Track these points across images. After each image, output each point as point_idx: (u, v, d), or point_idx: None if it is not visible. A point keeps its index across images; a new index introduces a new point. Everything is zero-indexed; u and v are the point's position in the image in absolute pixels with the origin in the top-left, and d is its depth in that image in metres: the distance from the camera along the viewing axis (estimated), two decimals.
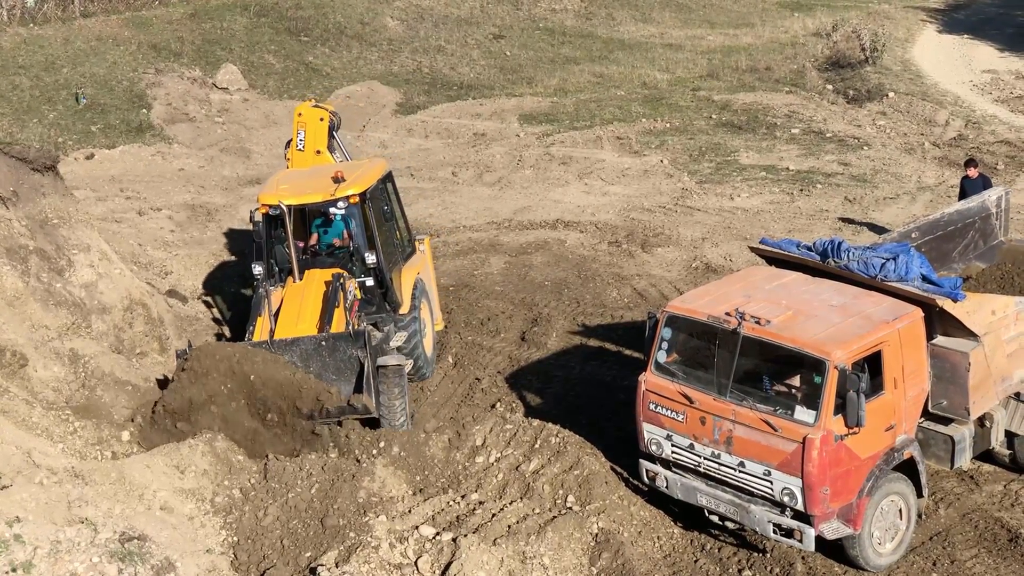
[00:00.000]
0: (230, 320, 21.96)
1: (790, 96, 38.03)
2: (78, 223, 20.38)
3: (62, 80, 35.42)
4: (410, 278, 19.91)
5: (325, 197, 18.94)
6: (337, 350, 17.40)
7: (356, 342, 17.41)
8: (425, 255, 21.25)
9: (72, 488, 14.85)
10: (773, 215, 27.13)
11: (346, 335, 17.50)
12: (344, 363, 17.42)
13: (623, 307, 22.25)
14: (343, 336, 17.49)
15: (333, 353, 17.40)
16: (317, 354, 17.36)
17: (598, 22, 48.78)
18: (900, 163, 30.87)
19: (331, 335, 17.50)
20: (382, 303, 19.26)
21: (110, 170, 30.69)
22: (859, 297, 14.92)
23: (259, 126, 35.06)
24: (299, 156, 21.89)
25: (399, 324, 19.24)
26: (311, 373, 17.20)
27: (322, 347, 17.37)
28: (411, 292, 19.71)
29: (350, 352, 17.41)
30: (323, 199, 18.98)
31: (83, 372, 17.79)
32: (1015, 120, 34.70)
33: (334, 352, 17.40)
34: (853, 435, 13.85)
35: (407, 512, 15.68)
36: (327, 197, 18.90)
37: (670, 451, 15.06)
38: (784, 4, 52.79)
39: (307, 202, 19.25)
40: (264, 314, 18.25)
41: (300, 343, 17.38)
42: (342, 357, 17.41)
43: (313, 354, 17.35)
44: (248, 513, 15.63)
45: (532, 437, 16.95)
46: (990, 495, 16.11)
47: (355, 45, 42.59)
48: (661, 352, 15.13)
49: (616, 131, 34.37)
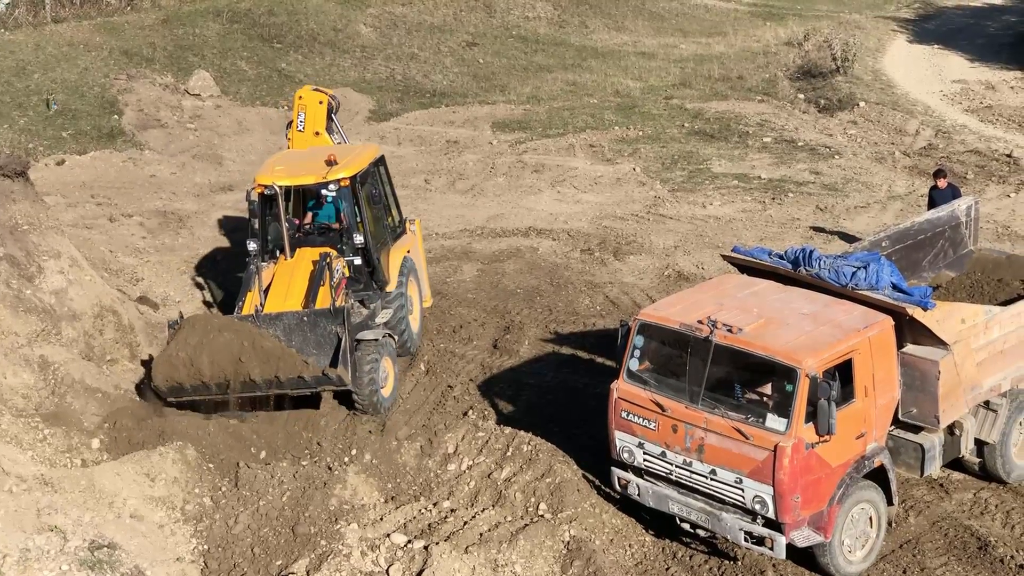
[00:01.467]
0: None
1: (762, 105, 38.18)
2: (48, 229, 20.29)
3: (33, 86, 35.24)
4: (398, 257, 20.64)
5: (317, 179, 19.69)
6: (318, 326, 18.09)
7: (336, 318, 18.08)
8: (416, 236, 21.99)
9: (41, 496, 14.78)
10: (745, 223, 27.21)
11: (327, 311, 18.23)
12: (324, 338, 18.07)
13: (595, 315, 22.28)
14: (324, 312, 18.22)
15: (314, 328, 18.09)
16: (299, 329, 18.09)
17: (571, 30, 48.88)
18: (871, 172, 31.02)
19: (313, 311, 18.29)
20: (369, 281, 20.00)
21: (81, 176, 30.54)
22: (830, 305, 14.97)
23: (231, 133, 34.95)
24: (299, 137, 22.73)
25: (386, 301, 20.01)
26: (293, 346, 17.95)
27: (304, 322, 18.13)
28: (398, 271, 20.40)
29: (330, 328, 18.05)
30: (315, 181, 19.76)
31: (53, 379, 17.70)
32: (984, 130, 34.93)
33: (315, 327, 18.09)
34: (824, 443, 13.90)
35: (379, 520, 15.67)
36: (319, 179, 19.66)
37: (642, 459, 15.08)
38: (756, 13, 53.03)
39: (300, 183, 20.02)
40: (255, 289, 19.09)
41: (284, 317, 18.20)
42: (322, 332, 18.07)
43: (295, 328, 18.09)
44: (219, 521, 15.58)
45: (504, 445, 16.96)
46: (960, 503, 16.18)
47: (328, 52, 42.54)
48: (633, 360, 15.15)
49: (589, 139, 34.43)
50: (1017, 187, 29.05)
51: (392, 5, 46.99)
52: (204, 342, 17.68)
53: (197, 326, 18.00)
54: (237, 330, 17.87)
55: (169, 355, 17.79)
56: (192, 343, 17.68)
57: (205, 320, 18.57)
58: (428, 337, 21.59)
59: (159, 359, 17.97)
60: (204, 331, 17.85)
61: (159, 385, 17.84)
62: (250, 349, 17.67)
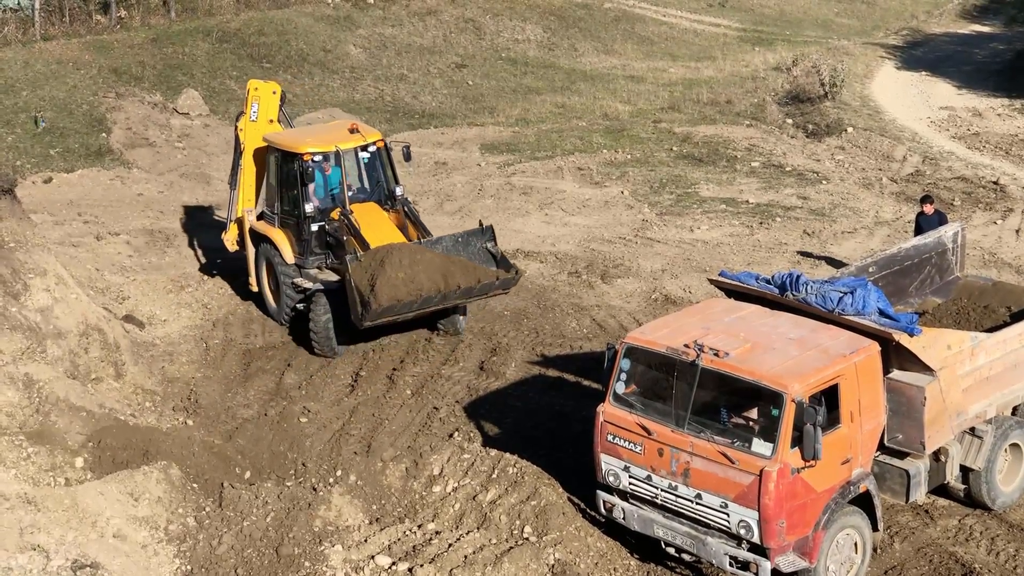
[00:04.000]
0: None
1: (750, 129, 38.30)
2: (35, 247, 20.26)
3: (21, 103, 35.22)
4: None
5: (358, 142, 22.23)
6: (470, 244, 21.13)
7: (484, 235, 21.28)
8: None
9: (24, 514, 14.72)
10: (732, 247, 27.26)
11: (477, 231, 21.43)
12: (475, 254, 21.11)
13: (582, 337, 22.28)
14: (475, 232, 21.42)
15: (467, 246, 21.07)
16: (455, 249, 20.92)
17: (560, 53, 49.02)
18: (858, 198, 31.12)
19: (465, 232, 21.47)
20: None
21: (68, 194, 30.50)
22: (817, 330, 14.99)
23: (220, 152, 34.91)
24: (252, 127, 23.80)
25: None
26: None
27: (459, 242, 21.04)
28: None
29: (479, 244, 21.20)
30: (357, 144, 22.26)
31: (37, 397, 17.64)
32: (971, 157, 35.07)
33: (467, 245, 21.08)
34: (810, 468, 13.89)
35: (363, 541, 15.62)
36: (361, 142, 22.22)
37: (627, 482, 15.06)
38: (745, 38, 53.26)
39: (346, 147, 22.25)
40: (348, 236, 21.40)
41: (442, 240, 21.03)
42: (474, 249, 21.13)
43: (452, 249, 20.89)
44: (202, 542, 15.52)
45: (489, 467, 16.92)
46: (944, 529, 16.18)
47: (317, 72, 42.59)
48: (619, 383, 15.14)
49: (577, 162, 34.48)
50: (1004, 214, 29.16)
51: (382, 26, 47.10)
52: (417, 260, 20.12)
53: (404, 251, 20.30)
54: (432, 252, 20.46)
55: (389, 277, 19.80)
56: (406, 264, 19.95)
57: (406, 247, 20.57)
58: (414, 358, 21.57)
59: (382, 283, 19.74)
60: (411, 254, 20.23)
61: (382, 304, 19.66)
62: (452, 264, 20.39)
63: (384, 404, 19.87)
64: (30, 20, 40.73)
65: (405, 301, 19.94)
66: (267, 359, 21.84)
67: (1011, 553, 15.60)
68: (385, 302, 19.76)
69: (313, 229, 21.98)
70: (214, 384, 20.92)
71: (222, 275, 25.14)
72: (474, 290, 20.66)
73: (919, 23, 57.45)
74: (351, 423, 19.33)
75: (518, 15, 50.57)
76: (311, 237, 22.04)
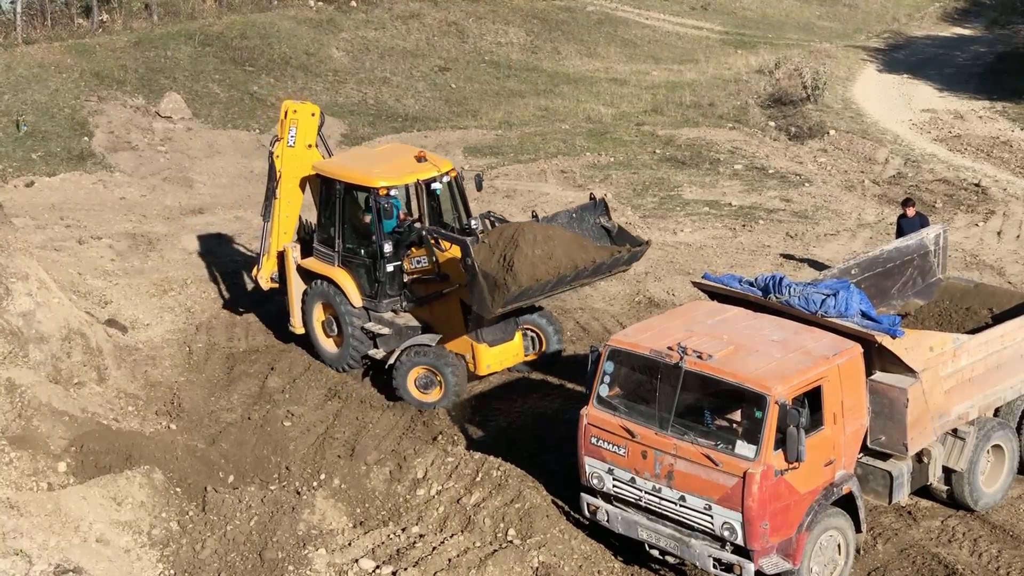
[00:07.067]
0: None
1: (733, 132, 38.35)
2: (16, 251, 20.19)
3: (2, 107, 35.07)
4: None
5: (431, 172, 20.51)
6: (584, 220, 19.97)
7: (597, 209, 20.20)
8: None
9: (7, 519, 14.66)
10: (716, 250, 27.30)
11: (590, 205, 20.30)
12: (588, 230, 19.91)
13: (565, 340, 22.26)
14: (588, 206, 20.28)
15: (581, 223, 19.88)
16: (570, 225, 19.66)
17: (543, 56, 48.99)
18: (840, 200, 31.19)
19: (580, 206, 20.32)
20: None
21: (50, 198, 30.38)
22: (800, 333, 15.02)
23: (202, 155, 34.86)
24: (290, 152, 21.70)
25: None
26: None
27: (574, 218, 19.91)
28: None
29: (593, 219, 20.09)
30: (431, 175, 20.53)
31: (19, 402, 17.58)
32: (953, 159, 35.18)
33: (582, 221, 19.92)
34: (793, 470, 13.93)
35: (347, 545, 15.61)
36: (433, 172, 20.52)
37: (611, 485, 15.07)
38: (727, 41, 53.27)
39: (421, 178, 20.57)
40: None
41: (559, 217, 19.94)
42: (587, 226, 19.94)
43: (567, 226, 19.62)
44: (185, 546, 15.49)
45: (473, 470, 16.92)
46: (927, 531, 16.22)
47: (300, 75, 42.50)
48: (603, 386, 15.15)
49: (560, 164, 34.50)
50: (985, 216, 29.26)
51: (364, 29, 47.02)
52: (549, 236, 18.82)
53: (535, 228, 18.93)
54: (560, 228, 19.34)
55: (526, 255, 18.40)
56: (540, 240, 18.61)
57: (536, 226, 19.14)
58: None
59: (520, 261, 18.35)
60: (542, 230, 18.91)
61: (521, 284, 18.16)
62: (580, 240, 19.33)
63: (368, 407, 19.84)
64: (11, 24, 40.53)
65: (543, 280, 18.40)
66: (250, 363, 21.80)
67: (994, 554, 15.65)
68: (525, 282, 18.22)
69: (389, 270, 20.29)
70: (197, 388, 20.87)
71: (211, 281, 25.01)
72: (604, 266, 19.26)
73: (901, 26, 57.51)
74: (335, 427, 19.31)
75: (501, 18, 50.52)
76: (387, 279, 20.36)
